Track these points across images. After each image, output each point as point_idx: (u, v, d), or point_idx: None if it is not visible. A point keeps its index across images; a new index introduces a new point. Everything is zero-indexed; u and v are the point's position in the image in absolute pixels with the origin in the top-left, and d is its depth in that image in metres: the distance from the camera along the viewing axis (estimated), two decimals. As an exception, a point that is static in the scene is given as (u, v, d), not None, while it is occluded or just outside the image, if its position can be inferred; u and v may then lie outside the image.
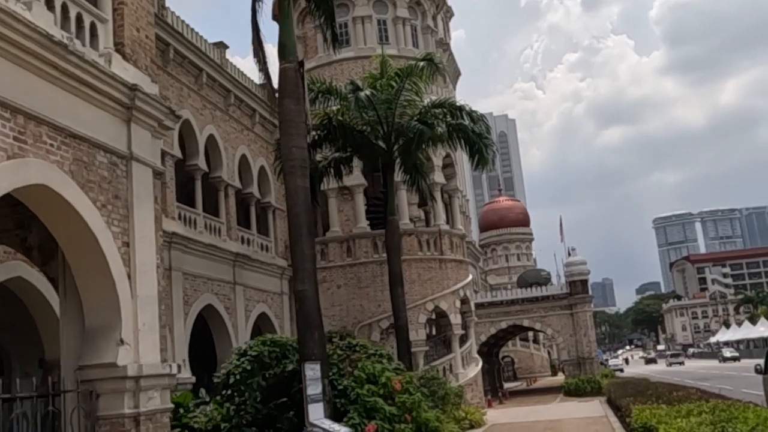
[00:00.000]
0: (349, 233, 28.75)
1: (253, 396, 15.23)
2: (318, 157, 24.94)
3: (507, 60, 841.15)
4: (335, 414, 14.95)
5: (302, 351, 15.03)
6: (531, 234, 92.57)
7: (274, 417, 15.45)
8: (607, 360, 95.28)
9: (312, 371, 13.30)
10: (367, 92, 21.53)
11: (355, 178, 28.84)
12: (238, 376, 15.33)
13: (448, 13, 42.80)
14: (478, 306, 49.96)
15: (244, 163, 26.29)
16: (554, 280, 60.81)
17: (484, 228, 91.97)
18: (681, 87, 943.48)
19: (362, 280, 27.99)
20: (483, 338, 49.77)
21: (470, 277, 30.90)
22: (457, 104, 24.23)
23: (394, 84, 22.64)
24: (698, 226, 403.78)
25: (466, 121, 22.94)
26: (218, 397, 15.87)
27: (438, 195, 30.04)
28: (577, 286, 49.95)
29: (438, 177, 29.70)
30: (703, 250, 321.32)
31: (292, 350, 15.91)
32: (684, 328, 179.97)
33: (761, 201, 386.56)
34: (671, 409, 12.46)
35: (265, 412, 15.42)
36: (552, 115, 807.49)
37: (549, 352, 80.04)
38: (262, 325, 26.29)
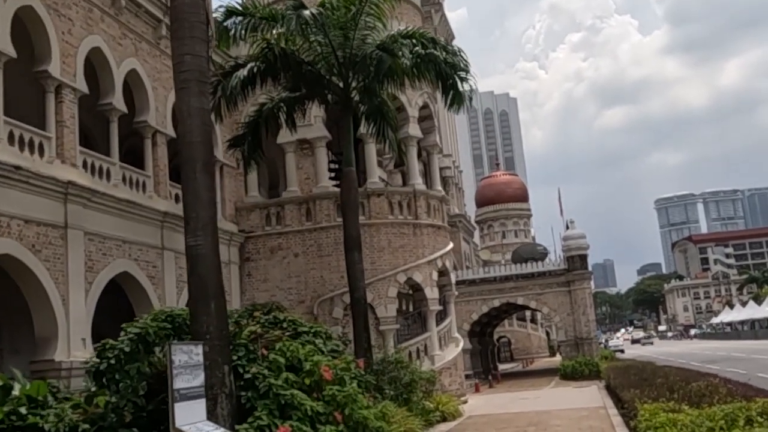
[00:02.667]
0: (309, 193, 24.79)
1: (133, 387, 11.35)
2: (263, 98, 20.96)
3: (509, 39, 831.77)
4: (239, 412, 11.11)
5: (194, 328, 11.16)
6: (529, 210, 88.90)
7: (164, 414, 11.58)
8: (606, 341, 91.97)
9: (186, 355, 9.42)
10: (314, 11, 17.46)
11: (317, 129, 24.87)
12: (113, 361, 11.45)
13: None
14: (470, 283, 46.62)
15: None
16: (553, 258, 57.23)
17: (480, 204, 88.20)
18: (682, 67, 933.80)
19: (323, 247, 24.08)
20: (474, 317, 46.45)
21: (450, 246, 26.96)
22: (430, 35, 20.16)
23: (352, 7, 18.54)
24: (700, 207, 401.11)
25: (439, 53, 18.87)
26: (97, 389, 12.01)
27: (413, 151, 26.06)
28: (576, 261, 46.26)
29: (413, 130, 25.67)
30: (705, 230, 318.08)
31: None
32: (686, 309, 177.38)
33: (763, 182, 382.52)
34: (700, 414, 8.48)
35: (152, 408, 11.54)
36: (553, 95, 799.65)
37: (547, 332, 76.77)
38: (203, 298, 22.46)
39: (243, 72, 18.47)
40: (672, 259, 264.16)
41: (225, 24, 19.08)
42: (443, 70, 18.56)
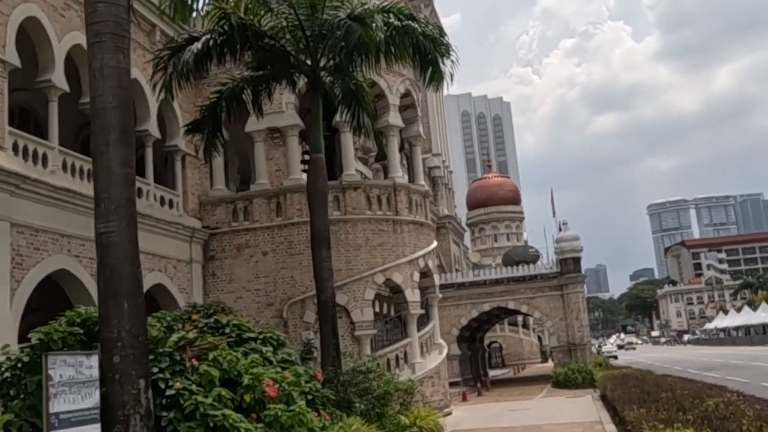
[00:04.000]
0: (280, 186, 22.73)
1: (30, 405, 9.30)
2: (224, 77, 18.97)
3: (503, 45, 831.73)
4: (159, 436, 9.09)
5: (103, 333, 9.14)
6: (521, 213, 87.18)
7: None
8: (599, 347, 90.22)
9: (72, 368, 7.35)
10: (275, -26, 15.50)
11: (288, 117, 22.83)
12: (7, 375, 9.42)
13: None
14: (459, 286, 44.96)
15: (137, 92, 20.23)
16: (545, 261, 55.31)
17: (472, 206, 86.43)
18: (675, 73, 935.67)
19: (294, 245, 22.02)
20: (464, 322, 44.67)
21: (434, 244, 24.94)
22: (408, 11, 18.06)
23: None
24: (692, 212, 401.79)
25: (417, 26, 16.85)
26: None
27: (394, 141, 24.05)
28: (569, 264, 44.34)
29: (393, 118, 23.65)
30: (697, 236, 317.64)
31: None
32: (679, 314, 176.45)
33: (755, 188, 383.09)
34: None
35: (57, 430, 9.50)
36: (547, 101, 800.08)
37: (540, 338, 74.99)
38: (160, 300, 20.42)
39: (197, 45, 16.42)
40: (665, 264, 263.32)
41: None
42: (421, 43, 16.54)
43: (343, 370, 16.46)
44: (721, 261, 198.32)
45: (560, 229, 48.45)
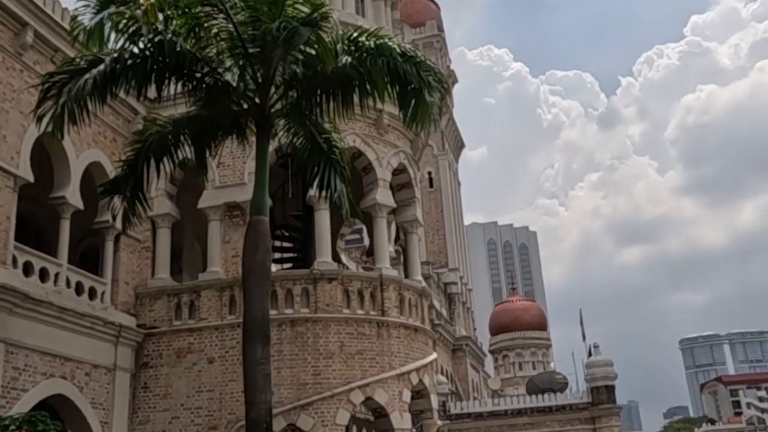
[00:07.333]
0: (236, 276, 18.00)
1: None
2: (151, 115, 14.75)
3: (529, 177, 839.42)
4: None
5: None
6: (548, 339, 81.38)
7: None
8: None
9: None
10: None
11: (251, 190, 18.40)
12: None
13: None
14: (476, 416, 40.30)
15: (53, 147, 16.06)
16: (574, 389, 49.62)
17: (495, 331, 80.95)
18: (699, 207, 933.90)
19: (248, 350, 17.07)
20: (482, 459, 39.14)
21: (432, 356, 19.76)
22: (387, 35, 13.83)
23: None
24: (726, 348, 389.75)
25: (396, 47, 12.61)
26: None
27: (382, 224, 19.39)
28: (602, 393, 39.35)
29: (382, 196, 19.09)
30: (732, 372, 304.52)
31: None
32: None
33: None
34: None
35: None
36: (572, 232, 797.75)
37: (570, 480, 67.46)
38: (65, 417, 15.40)
39: (99, 68, 12.21)
40: (700, 401, 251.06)
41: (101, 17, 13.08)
42: (400, 67, 12.13)
43: None
44: (761, 399, 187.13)
45: (590, 354, 43.11)
